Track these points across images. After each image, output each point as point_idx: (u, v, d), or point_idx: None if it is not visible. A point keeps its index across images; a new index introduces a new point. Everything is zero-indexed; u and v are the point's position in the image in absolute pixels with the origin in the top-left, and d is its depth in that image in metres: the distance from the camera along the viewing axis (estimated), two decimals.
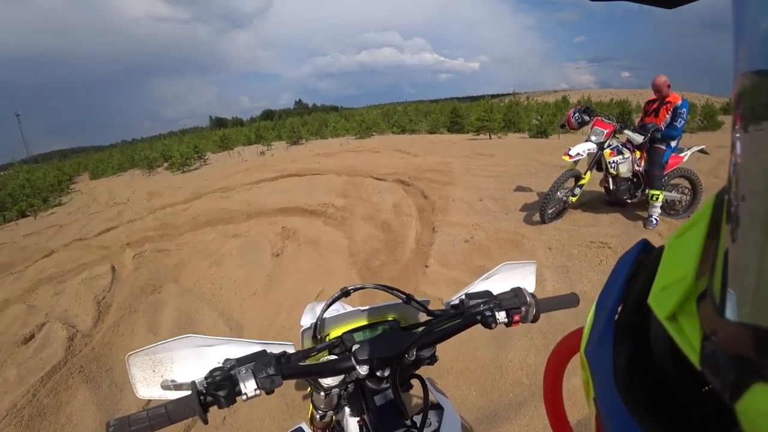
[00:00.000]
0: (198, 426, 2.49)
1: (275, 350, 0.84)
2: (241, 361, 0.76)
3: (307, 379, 0.92)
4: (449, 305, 1.03)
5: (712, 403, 0.24)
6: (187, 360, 0.86)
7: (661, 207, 4.58)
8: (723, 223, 0.24)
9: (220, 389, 0.69)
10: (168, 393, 0.83)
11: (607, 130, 4.57)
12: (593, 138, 4.61)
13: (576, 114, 4.89)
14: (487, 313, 0.93)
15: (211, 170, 14.50)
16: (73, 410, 2.77)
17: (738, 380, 0.19)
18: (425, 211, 5.68)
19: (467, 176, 7.33)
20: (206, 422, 0.68)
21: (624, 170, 4.59)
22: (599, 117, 4.76)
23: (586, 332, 0.37)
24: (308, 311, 1.55)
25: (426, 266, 4.07)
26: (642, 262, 0.37)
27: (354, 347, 0.88)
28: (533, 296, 0.98)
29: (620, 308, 0.35)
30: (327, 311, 1.01)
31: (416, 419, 0.90)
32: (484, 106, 16.63)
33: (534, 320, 0.97)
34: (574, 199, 4.75)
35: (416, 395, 1.75)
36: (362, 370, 0.83)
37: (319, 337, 1.02)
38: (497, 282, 1.11)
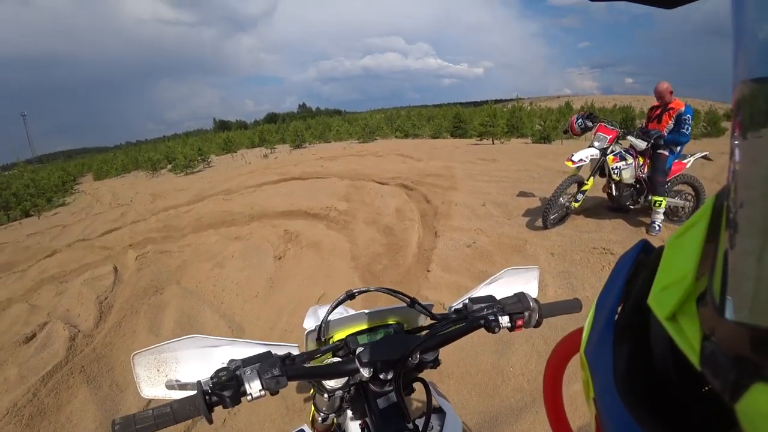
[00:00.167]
0: (198, 427, 2.49)
1: (280, 351, 0.85)
2: (247, 362, 0.76)
3: (311, 381, 0.92)
4: (452, 309, 1.03)
5: (712, 404, 0.24)
6: (192, 360, 0.86)
7: (664, 213, 4.57)
8: (722, 224, 0.24)
9: (226, 389, 0.69)
10: (172, 393, 0.83)
11: (610, 136, 4.56)
12: (596, 144, 4.61)
13: (579, 120, 4.89)
14: (491, 318, 0.93)
15: (215, 173, 14.54)
16: (74, 410, 2.78)
17: (738, 380, 0.19)
18: (428, 216, 5.68)
19: (470, 181, 7.32)
20: (211, 422, 0.68)
21: (627, 176, 4.58)
22: (602, 123, 4.76)
23: (586, 332, 0.37)
24: (311, 314, 1.55)
25: (428, 271, 4.06)
26: (642, 263, 0.37)
27: (358, 350, 0.89)
28: (536, 301, 0.98)
29: (620, 308, 0.35)
30: (331, 314, 1.01)
31: (418, 423, 0.90)
32: (488, 111, 16.63)
33: (537, 325, 0.97)
34: (577, 205, 4.75)
35: (418, 399, 1.75)
36: (366, 373, 0.84)
37: (323, 340, 1.02)
38: (500, 287, 1.11)
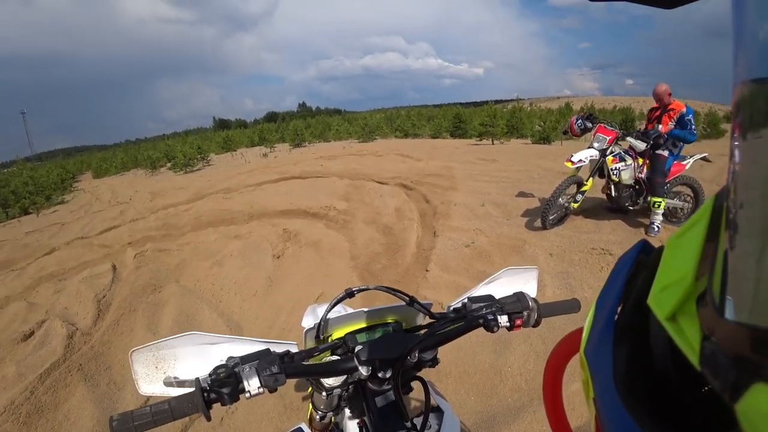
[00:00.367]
0: (196, 425, 2.49)
1: (279, 349, 0.85)
2: (245, 359, 0.76)
3: (310, 379, 0.93)
4: (451, 308, 1.04)
5: (712, 404, 0.24)
6: (191, 357, 0.86)
7: (663, 214, 4.58)
8: (722, 224, 0.24)
9: (224, 386, 0.69)
10: (170, 390, 0.83)
11: (610, 137, 4.57)
12: (596, 145, 4.61)
13: (579, 121, 4.89)
14: (489, 317, 0.93)
15: (214, 171, 14.54)
16: (71, 408, 2.77)
17: (738, 380, 0.19)
18: (427, 216, 5.68)
19: (469, 181, 7.33)
20: (209, 419, 0.68)
21: (626, 177, 4.59)
22: (602, 124, 4.76)
23: (586, 332, 0.37)
24: (309, 313, 1.55)
25: (427, 270, 4.06)
26: (641, 263, 0.37)
27: (356, 348, 0.89)
28: (535, 301, 0.99)
29: (620, 308, 0.35)
30: (330, 312, 1.01)
31: (416, 422, 0.90)
32: (488, 112, 16.62)
33: (535, 325, 0.97)
34: (576, 206, 4.75)
35: (416, 398, 1.75)
36: (364, 371, 0.84)
37: (322, 338, 1.02)
38: (499, 286, 1.11)
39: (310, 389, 1.00)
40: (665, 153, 4.47)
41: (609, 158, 4.56)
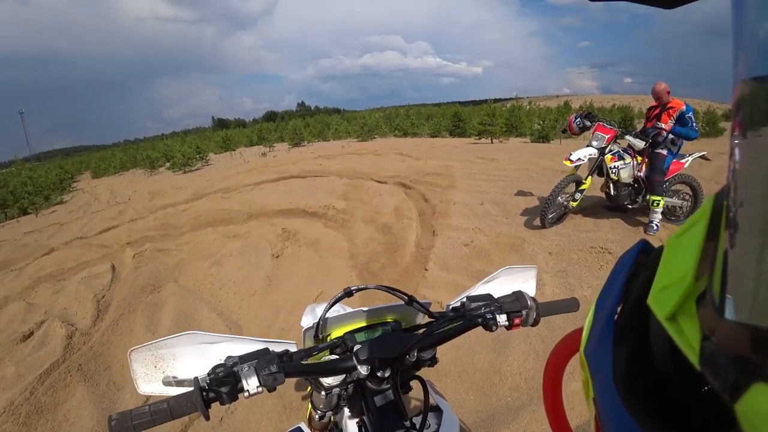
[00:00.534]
0: (196, 425, 2.49)
1: (277, 348, 0.84)
2: (244, 359, 0.76)
3: (309, 378, 0.92)
4: (450, 307, 1.04)
5: (712, 404, 0.24)
6: (189, 356, 0.85)
7: (662, 213, 4.57)
8: (722, 224, 0.24)
9: (223, 386, 0.69)
10: (169, 389, 0.83)
11: (609, 136, 4.57)
12: (594, 143, 4.61)
13: (578, 119, 4.88)
14: (488, 316, 0.93)
15: (213, 171, 14.54)
16: (71, 408, 2.77)
17: (738, 380, 0.19)
18: (426, 215, 5.68)
19: (468, 180, 7.32)
20: (208, 418, 0.68)
21: (625, 176, 4.59)
22: (601, 122, 4.76)
23: (586, 332, 0.37)
24: (308, 312, 1.55)
25: (426, 269, 4.06)
26: (641, 263, 0.37)
27: (355, 347, 0.89)
28: (534, 300, 0.98)
29: (620, 308, 0.35)
30: (329, 311, 1.01)
31: (416, 421, 0.90)
32: (487, 110, 16.61)
33: (534, 324, 0.97)
34: (575, 204, 4.75)
35: (415, 397, 1.75)
36: (363, 370, 0.84)
37: (321, 337, 1.02)
38: (498, 285, 1.11)
39: (309, 389, 1.00)
40: (664, 151, 4.47)
41: (608, 157, 4.55)
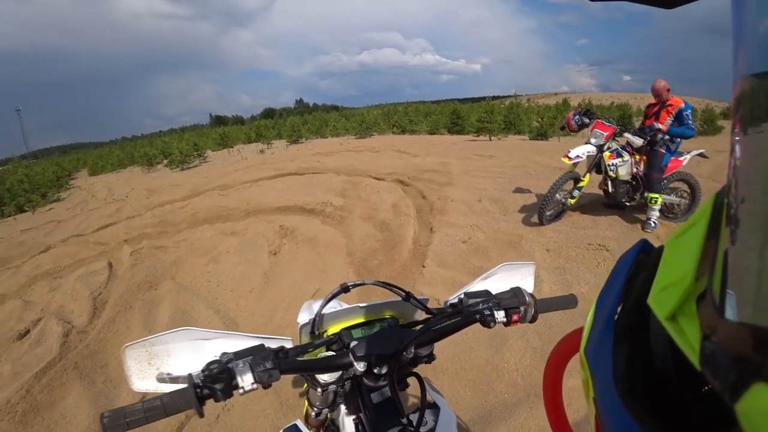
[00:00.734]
0: (192, 424, 2.48)
1: (273, 345, 0.84)
2: (239, 355, 0.75)
3: (305, 375, 0.92)
4: (448, 304, 1.03)
5: (712, 404, 0.24)
6: (184, 353, 0.84)
7: (660, 210, 4.58)
8: (723, 224, 0.24)
9: (217, 382, 0.69)
10: (163, 386, 0.82)
11: (607, 133, 4.56)
12: (593, 140, 4.60)
13: (576, 116, 4.88)
14: (486, 312, 0.93)
15: (211, 168, 14.51)
16: (67, 406, 2.76)
17: (738, 380, 0.19)
18: (424, 212, 5.67)
19: (466, 177, 7.32)
20: (202, 415, 0.67)
21: (623, 173, 4.59)
22: (599, 119, 4.75)
23: (586, 332, 0.37)
24: (305, 308, 1.54)
25: (423, 266, 4.06)
26: (641, 263, 0.37)
27: (352, 344, 0.88)
28: (532, 296, 0.98)
29: (620, 308, 0.35)
30: (325, 307, 1.00)
31: (412, 418, 0.89)
32: (485, 108, 16.60)
33: (532, 320, 0.97)
34: (573, 202, 4.75)
35: (412, 394, 1.75)
36: (360, 367, 0.83)
37: (317, 333, 1.01)
38: (496, 282, 1.10)
39: (306, 386, 0.99)
40: (662, 149, 4.47)
41: (606, 154, 4.55)
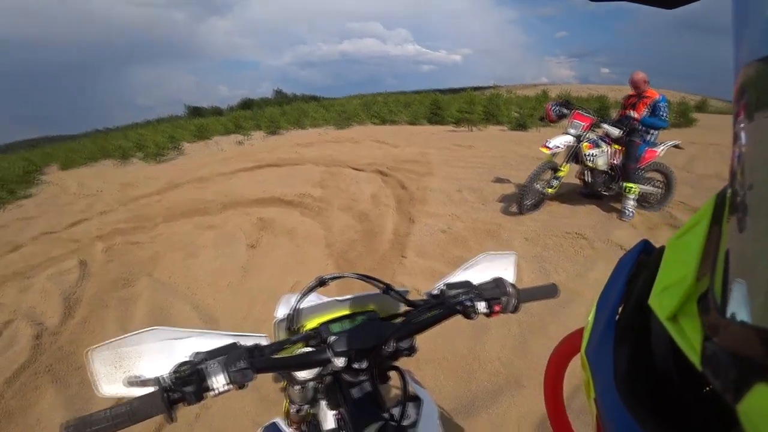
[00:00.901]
0: (171, 425, 2.43)
1: (248, 342, 0.81)
2: (212, 354, 0.72)
3: (282, 373, 0.89)
4: (429, 295, 1.01)
5: (714, 404, 0.24)
6: (154, 354, 0.80)
7: (636, 199, 4.67)
8: (724, 223, 0.24)
9: (188, 384, 0.65)
10: (133, 390, 0.77)
11: (585, 123, 4.63)
12: (571, 131, 4.67)
13: (555, 107, 4.93)
14: (467, 303, 0.92)
15: (187, 160, 14.18)
16: (42, 411, 2.67)
17: (739, 381, 0.19)
18: (403, 202, 5.67)
19: (446, 167, 7.35)
20: (172, 421, 0.64)
21: (601, 163, 4.67)
22: (578, 110, 4.81)
23: (587, 333, 0.37)
24: (283, 303, 1.50)
25: (403, 257, 4.06)
26: (642, 263, 0.37)
27: (330, 339, 0.85)
28: (513, 286, 0.98)
29: (621, 309, 0.35)
30: (302, 301, 0.98)
31: (394, 412, 0.88)
32: (465, 98, 16.61)
33: (514, 310, 0.97)
34: (551, 191, 4.81)
35: (394, 387, 1.74)
36: (339, 362, 0.81)
37: (294, 329, 0.99)
38: (477, 272, 1.08)
39: (285, 382, 0.97)
40: (639, 140, 4.56)
41: (584, 144, 4.62)
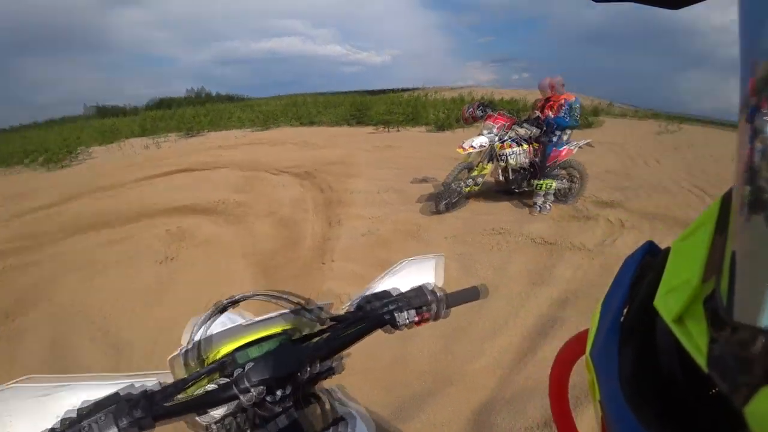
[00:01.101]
0: None
1: (148, 383, 0.70)
2: (99, 406, 0.61)
3: (186, 417, 0.78)
4: (350, 308, 0.95)
5: (720, 406, 0.24)
6: (26, 413, 0.65)
7: (551, 194, 4.98)
8: (730, 225, 0.23)
9: None
10: None
11: (500, 125, 4.88)
12: (488, 132, 4.87)
13: (471, 109, 5.14)
14: (393, 314, 0.87)
15: (93, 166, 13.03)
16: None
17: (746, 383, 0.19)
18: (326, 205, 5.60)
19: (369, 169, 7.38)
20: None
21: (516, 162, 4.92)
22: (494, 112, 5.03)
23: (592, 334, 0.37)
24: (190, 328, 1.36)
25: (327, 262, 3.98)
26: (647, 264, 0.37)
27: (243, 369, 0.75)
28: (441, 291, 0.94)
29: (626, 310, 0.35)
30: (206, 329, 0.87)
31: None
32: (389, 100, 16.79)
33: (443, 317, 0.93)
34: (470, 190, 4.99)
35: (326, 407, 1.68)
36: (254, 394, 0.71)
37: (201, 360, 0.88)
38: (402, 278, 1.03)
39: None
40: (552, 139, 4.87)
41: (500, 144, 4.83)
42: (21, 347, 3.21)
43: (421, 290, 0.94)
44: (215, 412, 0.75)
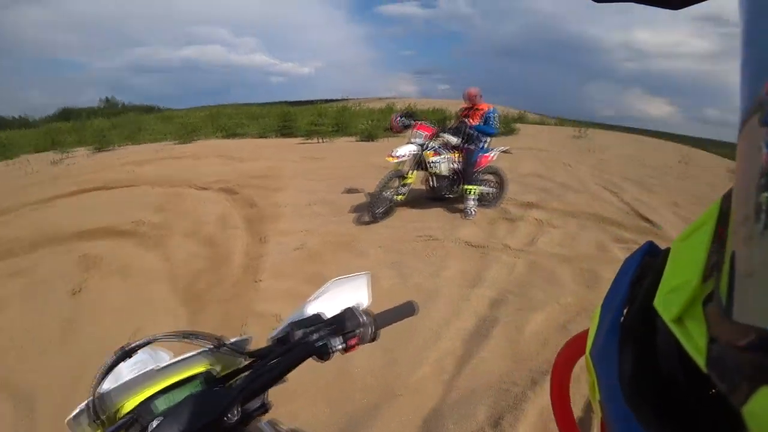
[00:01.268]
0: None
1: None
2: None
3: None
4: (274, 340, 0.86)
5: (720, 407, 0.24)
6: None
7: (476, 199, 5.21)
8: (730, 225, 0.23)
9: None
10: None
11: (427, 133, 5.05)
12: (415, 140, 5.02)
13: (400, 118, 5.28)
14: (320, 343, 0.79)
15: None
16: None
17: (745, 383, 0.19)
18: (253, 221, 5.39)
19: (297, 181, 7.28)
20: None
21: (443, 169, 5.10)
22: (420, 122, 5.21)
23: (592, 334, 0.38)
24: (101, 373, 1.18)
25: (258, 281, 3.81)
26: (647, 265, 0.37)
27: (154, 423, 0.64)
28: (369, 313, 0.88)
29: (626, 311, 0.35)
30: (111, 380, 0.75)
31: None
32: (316, 111, 16.75)
33: (373, 339, 0.87)
34: (400, 198, 5.12)
35: None
36: None
37: (110, 415, 0.75)
38: (328, 301, 0.96)
39: None
40: (475, 147, 5.15)
41: (427, 152, 5.00)
42: None
43: (351, 312, 0.87)
44: None
